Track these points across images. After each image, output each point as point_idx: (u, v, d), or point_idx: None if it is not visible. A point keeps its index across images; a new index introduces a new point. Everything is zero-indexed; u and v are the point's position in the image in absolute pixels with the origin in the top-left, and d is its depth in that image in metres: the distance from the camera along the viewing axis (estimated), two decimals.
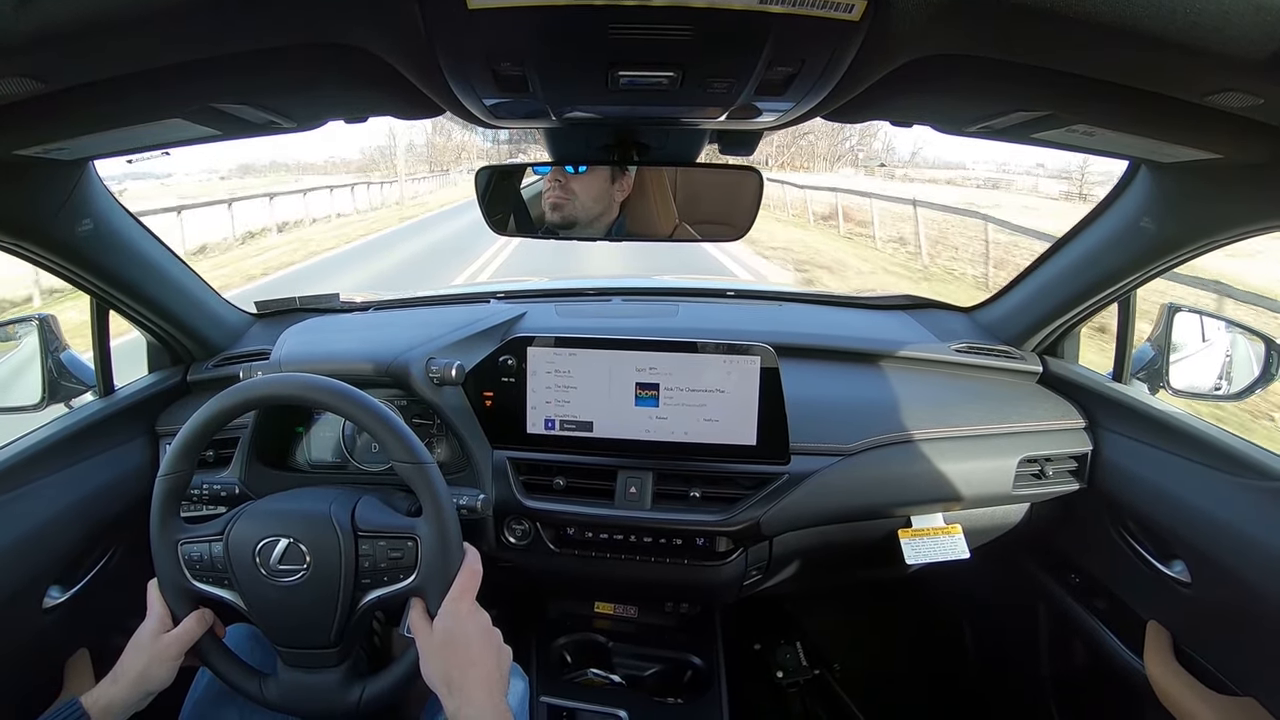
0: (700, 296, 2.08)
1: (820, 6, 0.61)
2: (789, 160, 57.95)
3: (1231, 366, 1.43)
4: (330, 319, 1.77)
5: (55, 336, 1.50)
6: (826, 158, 60.87)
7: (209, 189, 35.75)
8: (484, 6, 0.62)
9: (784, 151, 58.08)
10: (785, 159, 57.57)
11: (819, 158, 60.50)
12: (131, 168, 9.16)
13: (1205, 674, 1.25)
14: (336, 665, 1.03)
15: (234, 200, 16.00)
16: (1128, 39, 0.62)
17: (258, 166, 63.16)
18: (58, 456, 1.35)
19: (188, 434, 1.03)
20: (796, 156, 59.26)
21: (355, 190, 25.45)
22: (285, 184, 30.06)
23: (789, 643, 2.14)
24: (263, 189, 22.30)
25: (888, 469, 1.48)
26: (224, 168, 59.76)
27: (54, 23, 0.59)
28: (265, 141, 2.64)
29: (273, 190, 18.51)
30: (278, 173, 57.76)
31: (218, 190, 35.02)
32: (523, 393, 1.45)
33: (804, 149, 60.17)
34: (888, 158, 59.05)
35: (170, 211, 13.66)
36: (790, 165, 56.68)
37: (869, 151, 59.83)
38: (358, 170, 53.39)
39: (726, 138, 1.30)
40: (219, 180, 50.78)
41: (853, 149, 60.37)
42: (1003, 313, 1.75)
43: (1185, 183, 1.16)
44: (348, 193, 24.61)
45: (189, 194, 23.69)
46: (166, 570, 1.03)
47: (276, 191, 18.68)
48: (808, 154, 60.51)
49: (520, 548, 1.50)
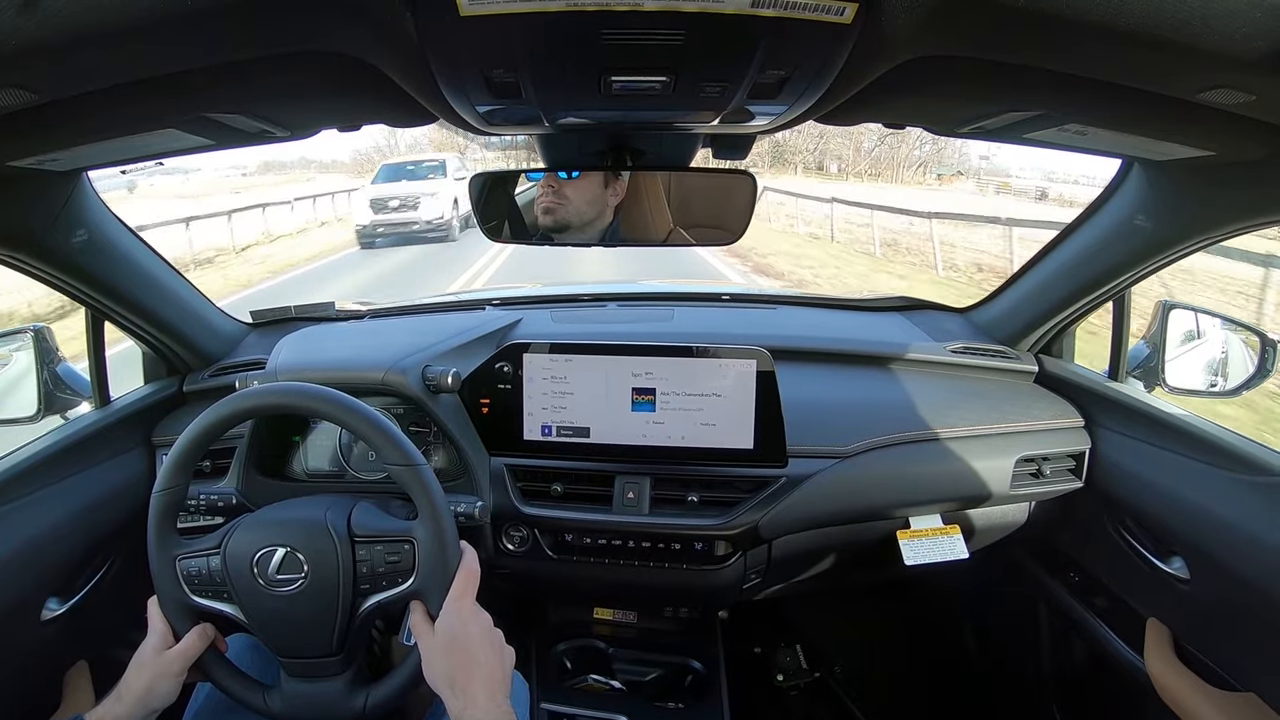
0: (695, 301, 2.08)
1: (812, 10, 0.61)
2: (868, 168, 48.47)
3: (1226, 363, 1.43)
4: (326, 327, 1.76)
5: (50, 348, 1.49)
6: (905, 164, 50.81)
7: (230, 184, 35.48)
8: (476, 13, 0.62)
9: (866, 158, 48.91)
10: (863, 167, 48.51)
11: (900, 165, 50.50)
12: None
13: (1206, 670, 1.25)
14: (339, 674, 1.02)
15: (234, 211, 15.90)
16: (1118, 38, 0.62)
17: (285, 163, 62.14)
18: (54, 468, 1.35)
19: (182, 448, 1.03)
20: (877, 165, 49.42)
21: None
22: (297, 185, 29.67)
23: (789, 645, 2.14)
24: (273, 187, 22.03)
25: (885, 470, 1.48)
26: (250, 164, 59.00)
27: (47, 34, 0.59)
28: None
29: (266, 201, 18.37)
30: (304, 169, 56.91)
31: (240, 185, 34.88)
32: (519, 399, 1.45)
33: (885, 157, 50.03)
34: (963, 165, 50.79)
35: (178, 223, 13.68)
36: (866, 174, 46.59)
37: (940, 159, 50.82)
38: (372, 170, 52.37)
39: (720, 141, 1.30)
40: (241, 177, 50.39)
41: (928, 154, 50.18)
42: (998, 313, 1.75)
43: (1178, 180, 1.17)
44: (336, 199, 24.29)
45: (203, 190, 23.32)
46: (166, 587, 1.02)
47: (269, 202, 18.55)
48: (886, 161, 50.32)
49: (519, 554, 1.50)
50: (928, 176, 48.69)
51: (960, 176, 46.91)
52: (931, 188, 40.12)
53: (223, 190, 29.49)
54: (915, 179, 46.98)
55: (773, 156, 46.45)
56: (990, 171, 43.32)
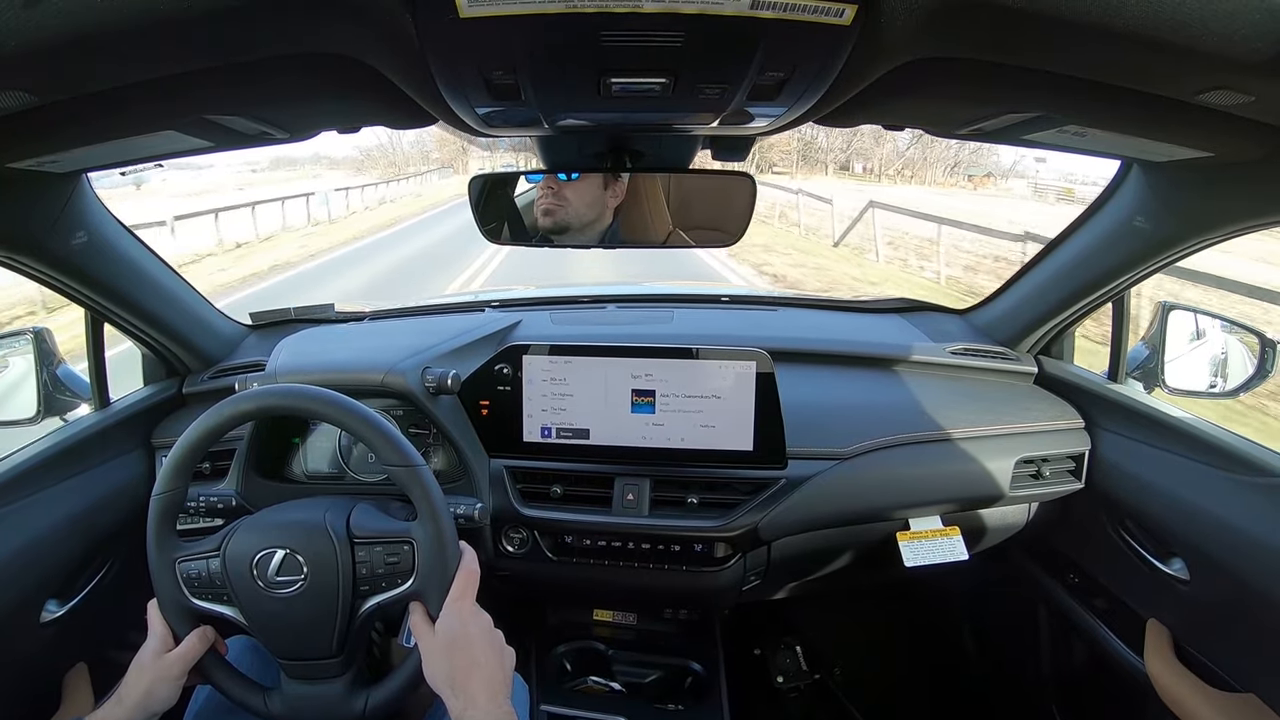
0: (695, 303, 2.08)
1: (811, 11, 0.61)
2: (900, 169, 44.98)
3: (1226, 364, 1.44)
4: (326, 329, 1.76)
5: (50, 349, 1.49)
6: (938, 165, 47.41)
7: (235, 181, 35.41)
8: (476, 15, 0.62)
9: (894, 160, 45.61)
10: (896, 168, 45.07)
11: (934, 164, 47.40)
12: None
13: (1206, 671, 1.25)
14: (339, 675, 1.02)
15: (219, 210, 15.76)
16: (1117, 39, 0.62)
17: (297, 159, 61.83)
18: (54, 469, 1.35)
19: (181, 450, 1.02)
20: (911, 165, 46.09)
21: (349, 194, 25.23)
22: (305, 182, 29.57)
23: (789, 647, 2.14)
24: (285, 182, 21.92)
25: (885, 472, 1.48)
26: (262, 159, 58.86)
27: (47, 35, 0.59)
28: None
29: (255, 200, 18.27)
30: (316, 165, 56.66)
31: (244, 182, 34.72)
32: (519, 401, 1.45)
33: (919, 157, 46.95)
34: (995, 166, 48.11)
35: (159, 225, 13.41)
36: (898, 176, 43.16)
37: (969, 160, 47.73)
38: (388, 165, 51.45)
39: (719, 143, 1.30)
40: (251, 173, 50.17)
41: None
42: (997, 314, 1.75)
43: (1177, 181, 1.17)
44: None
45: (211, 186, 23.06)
46: (166, 589, 1.02)
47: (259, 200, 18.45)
48: (919, 162, 47.53)
49: (518, 556, 1.50)
50: (958, 178, 46.52)
51: (990, 179, 45.06)
52: (964, 189, 37.85)
53: (226, 188, 29.50)
54: (946, 180, 44.32)
55: (801, 155, 44.64)
56: (1052, 176, 38.62)
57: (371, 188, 29.06)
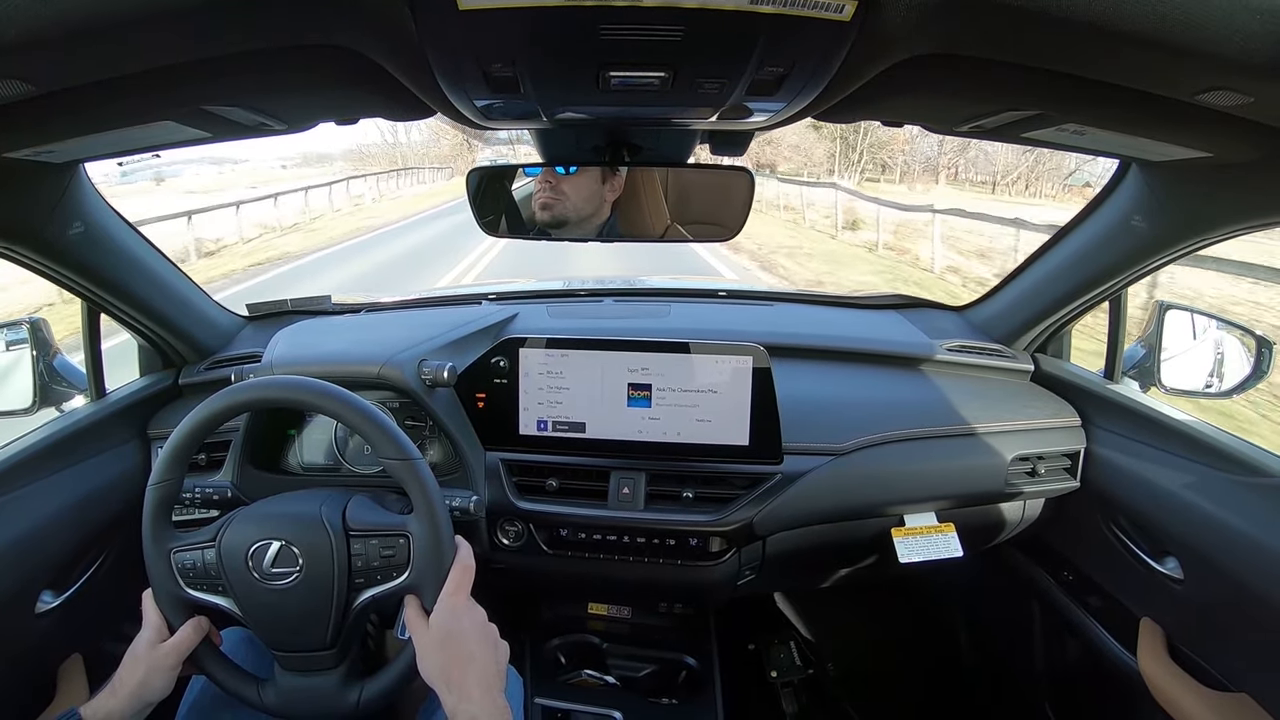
0: (692, 297, 2.08)
1: (811, 7, 0.61)
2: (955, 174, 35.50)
3: (1222, 364, 1.44)
4: (322, 321, 1.76)
5: (46, 340, 1.49)
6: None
7: (248, 180, 35.40)
8: (475, 7, 0.62)
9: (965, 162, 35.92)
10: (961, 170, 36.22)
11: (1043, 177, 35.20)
12: (206, 151, 9.05)
13: (1199, 670, 1.25)
14: (334, 667, 1.02)
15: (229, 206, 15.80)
16: (1117, 39, 0.62)
17: (328, 154, 61.24)
18: (49, 460, 1.34)
19: (177, 441, 1.02)
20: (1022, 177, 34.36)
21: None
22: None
23: (783, 642, 2.15)
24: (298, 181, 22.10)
25: (880, 468, 1.49)
26: (292, 155, 58.63)
27: (44, 24, 0.59)
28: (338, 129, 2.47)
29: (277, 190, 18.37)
30: (348, 160, 56.11)
31: (259, 179, 34.74)
32: (515, 394, 1.45)
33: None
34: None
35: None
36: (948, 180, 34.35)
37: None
38: (420, 159, 50.92)
39: (718, 138, 1.30)
40: (281, 169, 49.82)
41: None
42: (994, 311, 1.75)
43: (1176, 181, 1.17)
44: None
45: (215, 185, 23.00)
46: (160, 580, 1.02)
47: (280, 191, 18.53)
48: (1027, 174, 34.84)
49: (513, 549, 1.50)
50: (1071, 192, 42.58)
51: (1089, 189, 43.03)
52: (1077, 204, 34.45)
53: (238, 185, 29.51)
54: (1060, 194, 37.84)
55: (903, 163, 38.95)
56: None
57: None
